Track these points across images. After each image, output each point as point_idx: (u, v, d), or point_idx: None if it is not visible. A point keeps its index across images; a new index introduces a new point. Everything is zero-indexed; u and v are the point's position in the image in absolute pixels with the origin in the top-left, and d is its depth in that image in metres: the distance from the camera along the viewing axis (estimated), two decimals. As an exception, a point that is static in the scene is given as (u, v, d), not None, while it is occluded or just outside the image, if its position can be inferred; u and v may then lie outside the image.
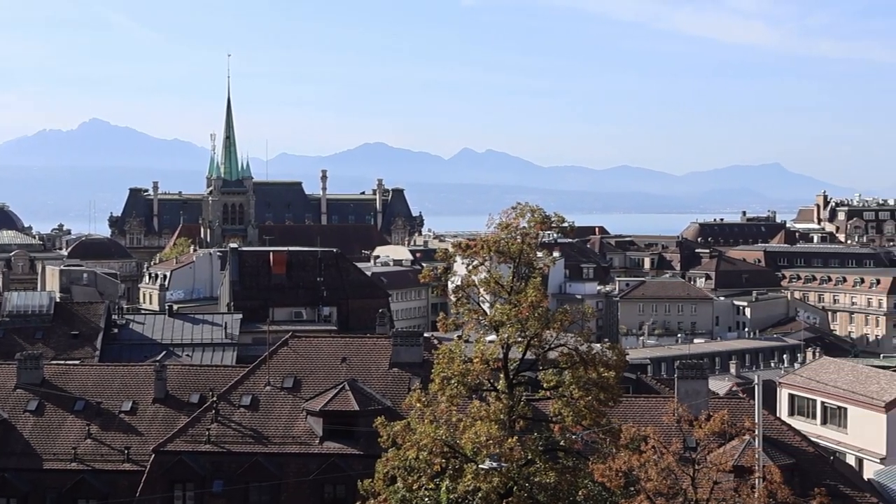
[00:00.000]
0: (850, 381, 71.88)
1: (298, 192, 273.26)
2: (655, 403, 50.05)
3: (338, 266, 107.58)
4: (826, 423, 71.39)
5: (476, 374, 39.48)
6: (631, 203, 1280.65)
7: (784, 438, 50.49)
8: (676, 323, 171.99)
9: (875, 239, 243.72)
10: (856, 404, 68.98)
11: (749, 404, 49.00)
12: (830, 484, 46.56)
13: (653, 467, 37.09)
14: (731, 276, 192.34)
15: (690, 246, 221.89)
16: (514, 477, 37.91)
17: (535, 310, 39.36)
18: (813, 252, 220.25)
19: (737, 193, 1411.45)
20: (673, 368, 57.51)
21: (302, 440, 52.16)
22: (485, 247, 41.03)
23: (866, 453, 66.89)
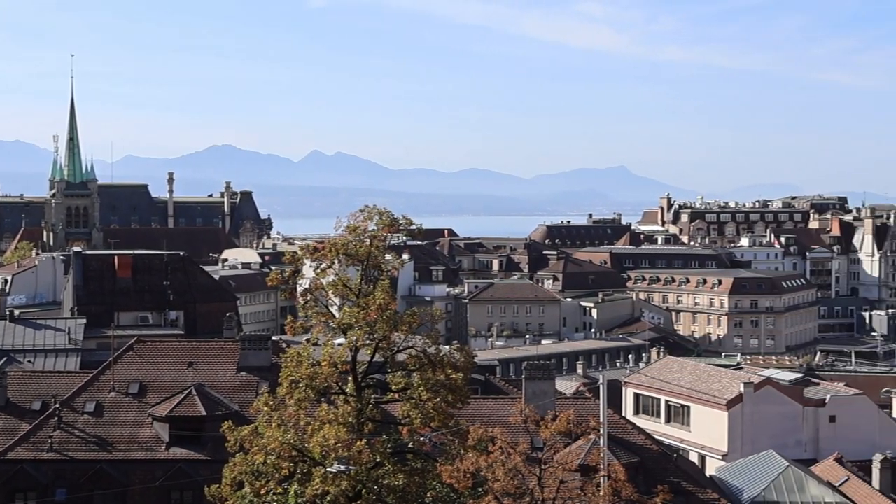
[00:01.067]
0: (692, 380, 73.50)
1: (144, 195, 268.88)
2: (503, 404, 50.40)
3: (185, 270, 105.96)
4: (670, 422, 72.85)
5: (324, 378, 39.32)
6: (480, 205, 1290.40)
7: (629, 437, 51.33)
8: (524, 324, 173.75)
9: (717, 240, 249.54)
10: (698, 403, 70.56)
11: (595, 404, 49.71)
12: (673, 481, 47.50)
13: (500, 468, 37.37)
14: (578, 277, 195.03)
15: (538, 248, 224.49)
16: (362, 480, 37.85)
17: (384, 312, 39.37)
18: (657, 254, 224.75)
19: (583, 196, 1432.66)
20: (521, 369, 58.01)
21: (148, 446, 51.34)
22: (333, 249, 40.89)
23: (709, 450, 68.46)
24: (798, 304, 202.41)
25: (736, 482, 53.52)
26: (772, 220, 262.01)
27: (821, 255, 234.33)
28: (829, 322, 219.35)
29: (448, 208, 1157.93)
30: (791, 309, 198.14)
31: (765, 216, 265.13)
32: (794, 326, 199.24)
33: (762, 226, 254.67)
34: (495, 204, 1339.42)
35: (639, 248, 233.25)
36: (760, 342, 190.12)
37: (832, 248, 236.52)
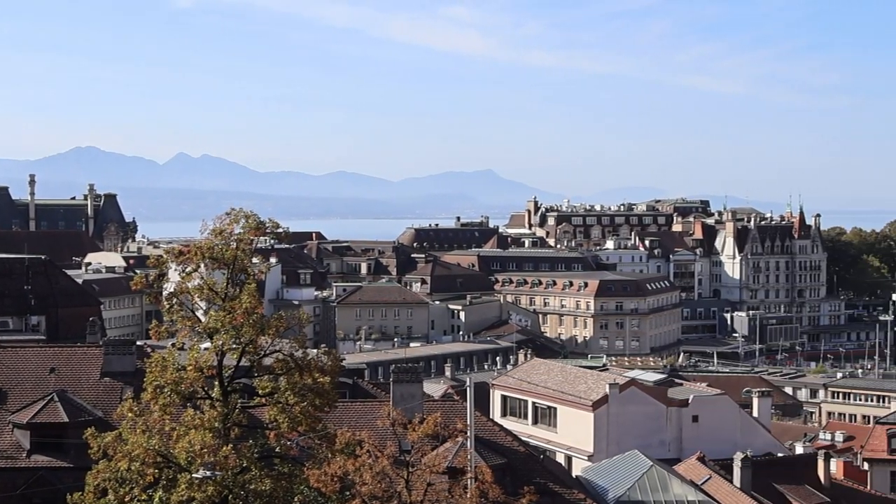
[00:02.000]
0: (559, 382, 74.22)
1: (4, 197, 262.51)
2: (371, 408, 50.30)
3: (46, 273, 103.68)
4: (537, 423, 73.49)
5: (190, 383, 38.84)
6: (348, 208, 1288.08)
7: (496, 439, 51.61)
8: (393, 327, 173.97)
9: (583, 243, 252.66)
10: (565, 404, 71.29)
11: (463, 406, 49.87)
12: (540, 482, 47.87)
13: (368, 471, 37.33)
14: (446, 280, 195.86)
15: (406, 251, 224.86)
16: (228, 485, 37.48)
17: (250, 316, 39.05)
18: (524, 256, 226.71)
19: (451, 199, 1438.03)
20: (389, 372, 58.03)
21: (8, 454, 50.14)
22: (198, 253, 40.41)
23: (575, 451, 69.21)
24: (662, 305, 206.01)
25: (601, 482, 54.18)
26: (636, 223, 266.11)
27: (684, 257, 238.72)
28: (692, 323, 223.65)
29: (316, 211, 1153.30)
30: (655, 311, 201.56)
31: (630, 219, 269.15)
32: (659, 328, 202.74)
33: (627, 229, 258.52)
34: (363, 207, 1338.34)
35: (506, 251, 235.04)
36: (626, 343, 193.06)
37: (695, 250, 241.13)
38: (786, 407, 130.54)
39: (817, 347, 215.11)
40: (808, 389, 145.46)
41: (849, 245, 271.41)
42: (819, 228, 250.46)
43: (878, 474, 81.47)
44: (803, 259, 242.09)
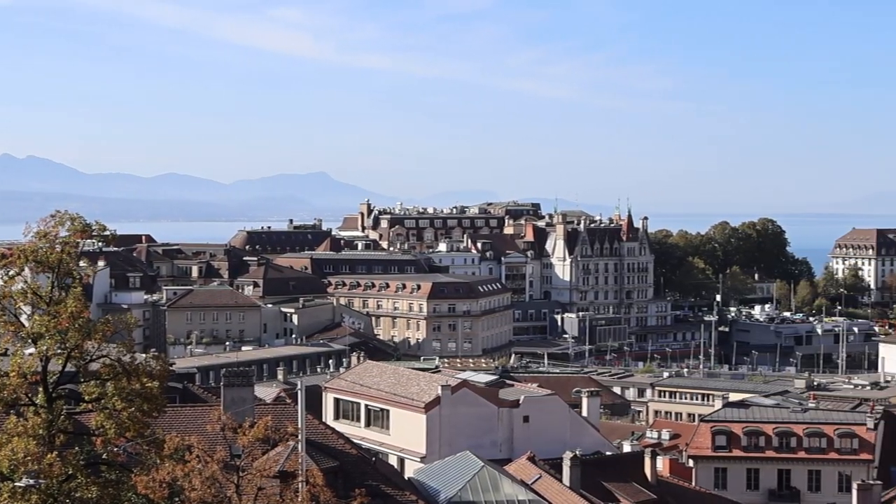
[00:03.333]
0: (392, 384, 74.34)
1: None
2: (201, 412, 49.69)
3: None
4: (370, 426, 73.47)
5: (13, 389, 37.90)
6: (179, 211, 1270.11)
7: (328, 442, 51.49)
8: (225, 331, 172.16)
9: (416, 246, 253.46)
10: (397, 406, 71.42)
11: (294, 409, 49.65)
12: (372, 484, 47.92)
13: (197, 477, 36.90)
14: (279, 283, 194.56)
15: (238, 254, 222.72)
16: (53, 494, 36.67)
17: (76, 320, 38.27)
18: (357, 259, 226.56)
19: (284, 201, 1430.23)
20: (220, 376, 57.42)
21: None
22: (22, 256, 39.48)
23: (407, 453, 69.36)
24: (494, 307, 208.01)
25: (433, 483, 54.44)
26: (469, 225, 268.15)
27: (515, 259, 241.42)
28: (524, 325, 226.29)
29: (146, 214, 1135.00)
30: (487, 312, 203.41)
31: (462, 222, 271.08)
32: (491, 329, 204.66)
33: (459, 231, 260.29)
34: (195, 209, 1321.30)
35: (339, 253, 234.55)
36: (458, 345, 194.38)
37: (526, 252, 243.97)
38: (614, 406, 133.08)
39: (645, 347, 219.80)
40: (636, 389, 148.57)
41: (675, 247, 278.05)
42: (647, 231, 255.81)
43: (702, 471, 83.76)
44: (631, 261, 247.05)
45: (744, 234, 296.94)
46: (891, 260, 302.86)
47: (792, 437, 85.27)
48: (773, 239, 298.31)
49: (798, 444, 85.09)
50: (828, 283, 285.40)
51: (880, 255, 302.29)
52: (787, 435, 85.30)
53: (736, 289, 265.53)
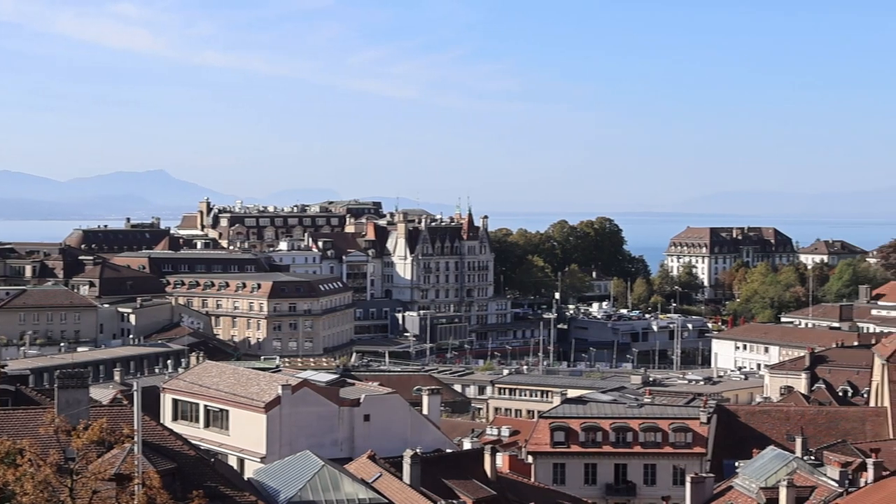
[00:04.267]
0: (231, 384, 73.65)
1: None
2: (34, 415, 48.47)
3: None
4: (209, 426, 72.66)
5: None
6: (11, 209, 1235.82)
7: (166, 443, 50.70)
8: (59, 331, 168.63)
9: (256, 245, 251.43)
10: (237, 406, 70.80)
11: (131, 411, 48.77)
12: (211, 485, 47.35)
13: (29, 481, 36.03)
14: (116, 283, 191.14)
15: (74, 253, 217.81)
16: None
17: None
18: (196, 258, 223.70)
19: (121, 200, 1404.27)
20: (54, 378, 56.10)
21: None
22: None
23: (247, 453, 68.80)
24: (335, 306, 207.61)
25: (273, 483, 54.06)
26: (310, 224, 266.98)
27: (357, 258, 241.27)
28: (365, 323, 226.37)
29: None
30: (328, 311, 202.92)
31: (303, 220, 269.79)
32: (332, 328, 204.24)
33: (300, 230, 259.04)
34: (28, 208, 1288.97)
35: (178, 252, 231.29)
36: (299, 344, 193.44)
37: (368, 251, 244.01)
38: (455, 404, 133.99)
39: (485, 345, 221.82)
40: (477, 386, 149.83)
41: (515, 246, 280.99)
42: (487, 230, 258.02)
43: (541, 467, 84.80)
44: (472, 259, 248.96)
45: (582, 232, 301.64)
46: (723, 258, 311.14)
47: (628, 432, 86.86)
48: (610, 237, 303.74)
49: (634, 438, 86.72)
50: (663, 280, 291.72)
51: (713, 254, 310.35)
52: (624, 430, 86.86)
53: (574, 287, 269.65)
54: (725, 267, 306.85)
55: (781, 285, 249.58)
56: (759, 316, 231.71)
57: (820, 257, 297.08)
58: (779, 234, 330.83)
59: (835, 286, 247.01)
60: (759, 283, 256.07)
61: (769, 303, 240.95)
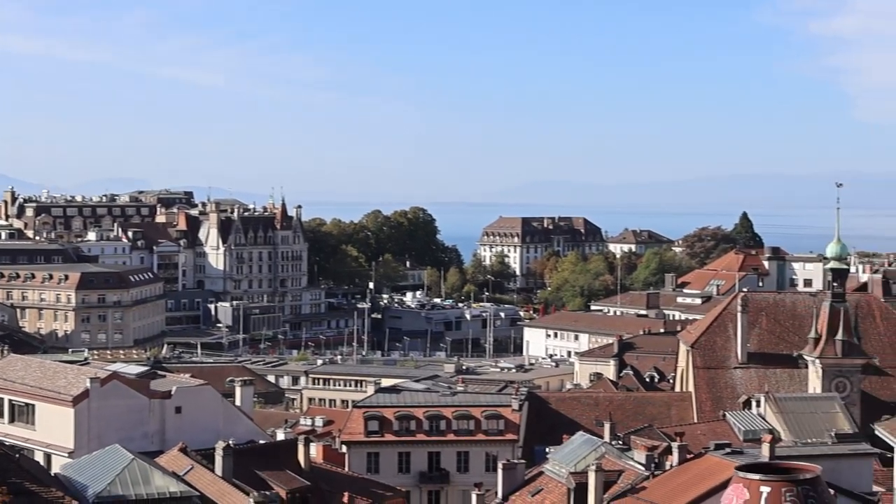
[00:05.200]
0: (37, 378, 71.79)
1: None
2: None
3: None
4: (14, 421, 70.70)
5: None
6: None
7: (-33, 440, 49.28)
8: None
9: (63, 235, 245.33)
10: (43, 400, 69.01)
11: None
12: (15, 482, 46.21)
13: None
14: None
15: None
16: None
17: None
18: (0, 249, 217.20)
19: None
20: None
21: None
22: None
23: (55, 448, 67.12)
24: (146, 297, 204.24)
25: (81, 479, 52.91)
26: (119, 214, 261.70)
27: (168, 248, 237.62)
28: (177, 314, 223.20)
29: None
30: (139, 302, 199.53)
31: (112, 210, 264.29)
32: (143, 320, 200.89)
33: (110, 220, 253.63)
34: None
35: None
36: (109, 336, 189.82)
37: (179, 241, 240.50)
38: (268, 395, 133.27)
39: (299, 335, 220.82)
40: (290, 377, 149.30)
41: (329, 235, 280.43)
42: (300, 219, 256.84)
43: (355, 456, 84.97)
44: (285, 249, 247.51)
45: (396, 222, 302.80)
46: (535, 247, 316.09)
47: (441, 420, 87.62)
48: (423, 227, 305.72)
49: (447, 426, 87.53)
50: (476, 269, 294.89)
51: (525, 243, 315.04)
52: (437, 418, 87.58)
53: (388, 276, 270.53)
54: (537, 256, 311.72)
55: (591, 274, 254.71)
56: (570, 304, 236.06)
57: (628, 246, 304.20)
58: (588, 223, 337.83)
59: (642, 275, 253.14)
60: (569, 272, 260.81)
61: (579, 291, 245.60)
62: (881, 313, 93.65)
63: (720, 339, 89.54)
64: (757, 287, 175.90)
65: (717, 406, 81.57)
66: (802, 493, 5.38)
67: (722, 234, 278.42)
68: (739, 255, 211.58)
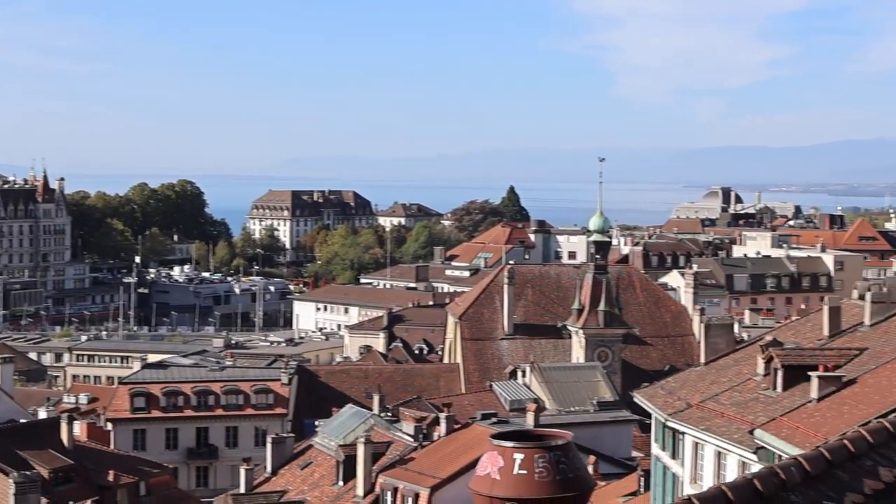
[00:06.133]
0: None
1: None
2: None
3: None
4: None
5: None
6: None
7: None
8: None
9: None
10: None
11: None
12: None
13: None
14: None
15: None
16: None
17: None
18: None
19: None
20: None
21: None
22: None
23: None
24: None
25: None
26: None
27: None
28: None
29: None
30: None
31: None
32: None
33: None
34: None
35: None
36: None
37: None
38: (30, 372, 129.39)
39: (62, 311, 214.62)
40: (53, 354, 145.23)
41: (93, 209, 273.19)
42: (63, 192, 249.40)
43: (121, 433, 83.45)
44: (48, 223, 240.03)
45: (163, 195, 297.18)
46: (304, 220, 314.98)
47: (210, 395, 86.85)
48: (191, 200, 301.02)
49: (216, 402, 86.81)
50: (245, 243, 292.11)
51: (294, 216, 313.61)
52: (205, 394, 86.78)
53: (155, 250, 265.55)
54: (307, 230, 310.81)
55: (361, 247, 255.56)
56: (340, 277, 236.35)
57: (398, 220, 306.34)
58: (358, 197, 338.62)
59: (411, 248, 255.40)
60: (339, 246, 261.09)
61: (349, 264, 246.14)
62: (641, 284, 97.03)
63: (487, 311, 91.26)
64: (523, 260, 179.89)
65: (485, 377, 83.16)
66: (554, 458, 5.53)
67: (489, 208, 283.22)
68: (506, 229, 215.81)
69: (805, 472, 7.74)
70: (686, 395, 44.82)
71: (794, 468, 7.74)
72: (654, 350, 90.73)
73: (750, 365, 44.12)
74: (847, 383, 37.71)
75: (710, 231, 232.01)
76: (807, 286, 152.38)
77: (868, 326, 43.52)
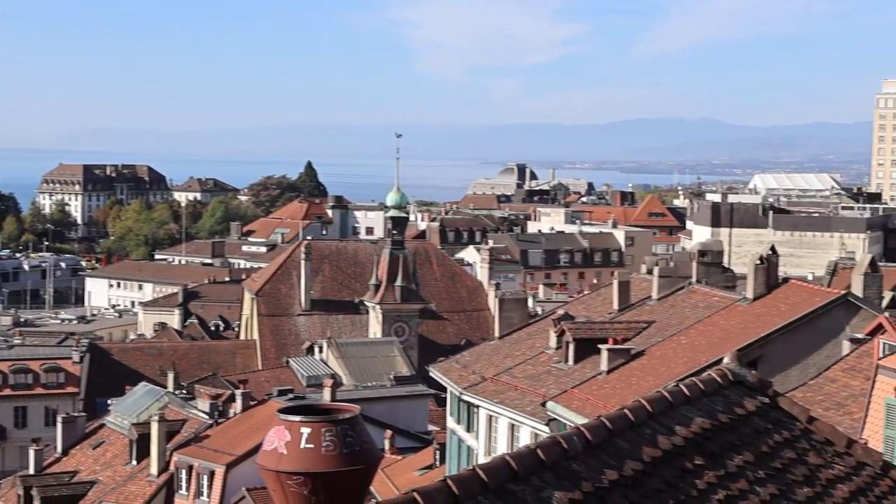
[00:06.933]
0: None
1: None
2: None
3: None
4: None
5: None
6: None
7: None
8: None
9: None
10: None
11: None
12: None
13: None
14: None
15: None
16: None
17: None
18: None
19: None
20: None
21: None
22: None
23: None
24: None
25: None
26: None
27: None
28: None
29: None
30: None
31: None
32: None
33: None
34: None
35: None
36: None
37: None
38: None
39: None
40: None
41: None
42: None
43: None
44: None
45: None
46: (97, 195, 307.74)
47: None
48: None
49: (4, 381, 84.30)
50: (35, 218, 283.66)
51: (87, 191, 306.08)
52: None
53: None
54: (100, 204, 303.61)
55: (156, 223, 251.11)
56: (134, 253, 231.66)
57: (193, 195, 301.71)
58: (153, 171, 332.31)
59: (207, 223, 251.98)
60: (133, 221, 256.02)
61: (144, 240, 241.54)
62: (438, 260, 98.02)
63: (284, 287, 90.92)
64: (321, 235, 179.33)
65: (281, 353, 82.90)
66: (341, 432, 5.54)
67: (287, 183, 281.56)
68: (304, 204, 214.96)
69: (587, 441, 7.95)
70: (481, 368, 45.51)
71: (577, 437, 7.95)
72: (450, 325, 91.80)
73: (543, 339, 45.06)
74: (635, 355, 38.90)
75: (505, 207, 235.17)
76: (599, 261, 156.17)
77: (655, 300, 44.90)
